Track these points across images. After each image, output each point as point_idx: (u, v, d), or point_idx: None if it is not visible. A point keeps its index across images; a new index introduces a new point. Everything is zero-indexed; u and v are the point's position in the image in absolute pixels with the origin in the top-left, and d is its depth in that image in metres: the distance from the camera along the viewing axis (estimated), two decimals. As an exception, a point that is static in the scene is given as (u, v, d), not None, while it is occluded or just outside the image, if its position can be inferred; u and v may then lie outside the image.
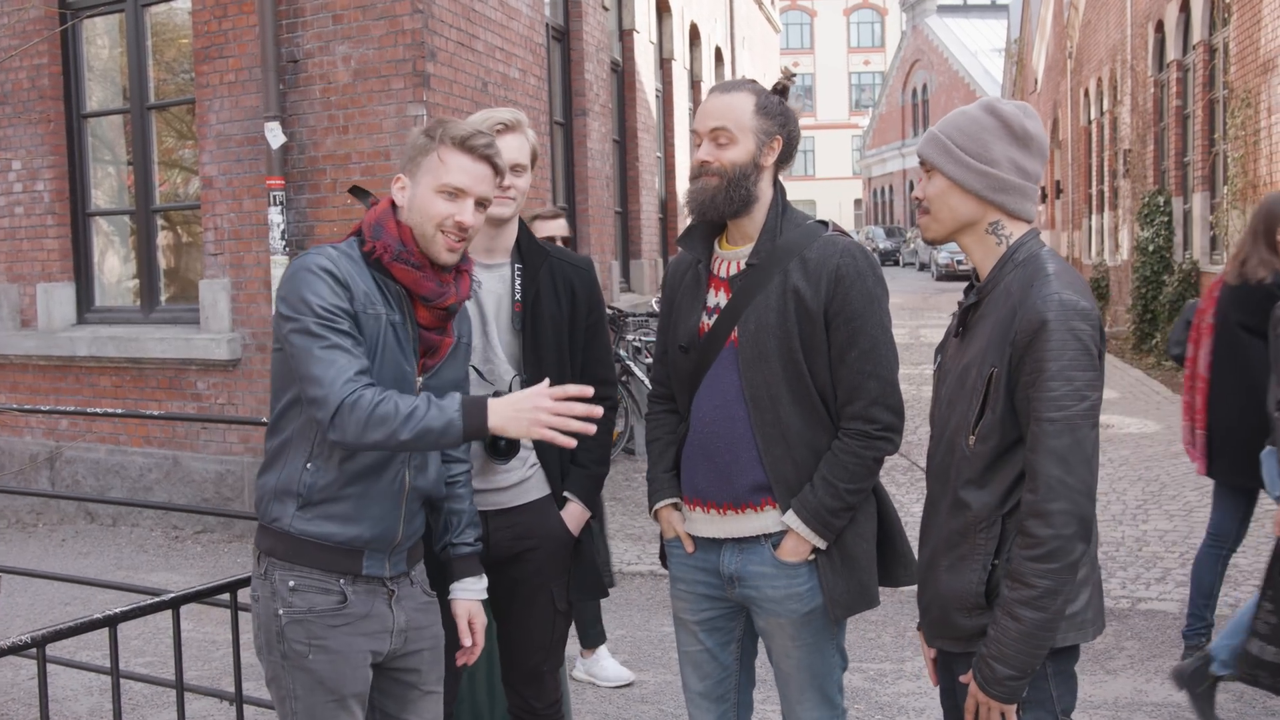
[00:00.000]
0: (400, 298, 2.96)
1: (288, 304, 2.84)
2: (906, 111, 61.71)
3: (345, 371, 2.76)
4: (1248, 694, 5.31)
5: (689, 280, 3.38)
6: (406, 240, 2.95)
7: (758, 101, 3.22)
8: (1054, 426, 2.62)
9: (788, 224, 3.26)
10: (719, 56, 21.57)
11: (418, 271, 2.95)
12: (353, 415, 2.72)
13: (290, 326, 2.82)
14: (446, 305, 3.00)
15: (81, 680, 5.88)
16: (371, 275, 2.93)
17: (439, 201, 2.95)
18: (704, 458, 3.27)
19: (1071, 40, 28.31)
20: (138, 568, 8.36)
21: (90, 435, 9.92)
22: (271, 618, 2.94)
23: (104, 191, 10.45)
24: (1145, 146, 19.58)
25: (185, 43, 9.84)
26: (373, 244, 2.95)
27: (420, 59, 8.43)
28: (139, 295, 10.08)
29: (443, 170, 2.95)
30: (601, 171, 12.98)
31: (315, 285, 2.82)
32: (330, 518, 2.91)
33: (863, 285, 3.17)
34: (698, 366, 3.29)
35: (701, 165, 3.22)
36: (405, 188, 3.00)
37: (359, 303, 2.86)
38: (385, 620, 3.02)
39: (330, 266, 2.85)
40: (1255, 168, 13.01)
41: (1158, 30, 18.50)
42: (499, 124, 3.48)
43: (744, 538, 3.26)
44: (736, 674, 3.46)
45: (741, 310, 3.21)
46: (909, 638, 6.24)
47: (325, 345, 2.78)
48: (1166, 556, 7.44)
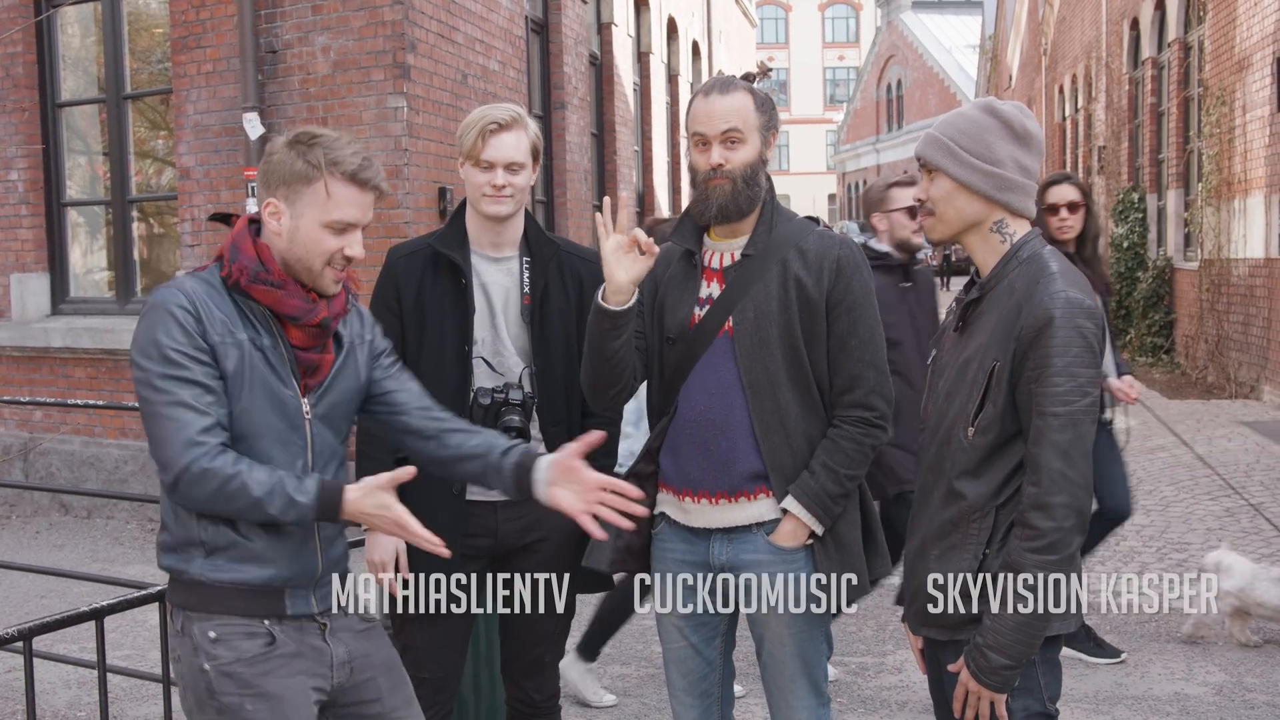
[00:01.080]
0: (266, 319, 2.78)
1: (138, 348, 2.68)
2: (881, 107, 61.77)
3: (187, 431, 2.61)
4: (1226, 687, 5.35)
5: (676, 272, 3.37)
6: (265, 259, 2.77)
7: (755, 100, 3.26)
8: (1058, 421, 2.66)
9: (780, 216, 3.30)
10: (696, 51, 21.56)
11: (279, 290, 2.76)
12: (197, 489, 2.61)
13: (136, 376, 2.68)
14: (316, 322, 2.81)
15: (59, 673, 5.83)
16: (234, 300, 2.76)
17: (328, 237, 2.76)
18: (697, 446, 3.25)
19: (1046, 37, 28.43)
20: (114, 560, 8.31)
21: (65, 427, 9.85)
22: (197, 674, 2.73)
23: (79, 182, 10.37)
24: (1120, 143, 19.68)
25: (161, 32, 9.79)
26: (229, 267, 2.77)
27: (400, 50, 8.40)
28: (114, 286, 10.01)
29: (331, 206, 2.75)
30: (580, 165, 12.95)
31: (167, 327, 2.66)
32: (243, 560, 2.72)
33: (861, 277, 3.23)
34: (685, 358, 3.27)
35: (716, 169, 3.22)
36: (280, 215, 2.78)
37: (217, 334, 2.69)
38: (323, 655, 2.84)
39: (184, 303, 2.68)
40: (1230, 165, 13.09)
41: (1133, 28, 18.59)
42: (493, 123, 3.45)
43: (735, 527, 3.25)
44: (720, 668, 3.45)
45: (737, 300, 3.22)
46: (889, 631, 6.25)
47: (169, 402, 2.62)
48: (1144, 550, 7.47)
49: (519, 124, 3.49)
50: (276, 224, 2.77)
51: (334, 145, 2.78)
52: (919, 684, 5.53)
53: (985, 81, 42.24)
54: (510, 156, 3.45)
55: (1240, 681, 5.41)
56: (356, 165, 2.77)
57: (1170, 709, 5.16)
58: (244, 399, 2.70)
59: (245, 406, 2.71)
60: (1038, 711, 2.83)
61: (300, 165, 2.75)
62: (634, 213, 16.09)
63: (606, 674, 5.76)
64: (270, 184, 2.78)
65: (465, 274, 3.48)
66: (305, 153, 2.75)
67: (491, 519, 3.52)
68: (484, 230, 3.55)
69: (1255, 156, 12.25)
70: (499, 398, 3.45)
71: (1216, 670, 5.52)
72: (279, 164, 2.77)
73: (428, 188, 8.73)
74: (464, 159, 3.49)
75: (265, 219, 2.79)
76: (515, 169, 3.47)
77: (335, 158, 2.75)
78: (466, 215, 3.59)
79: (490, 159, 3.44)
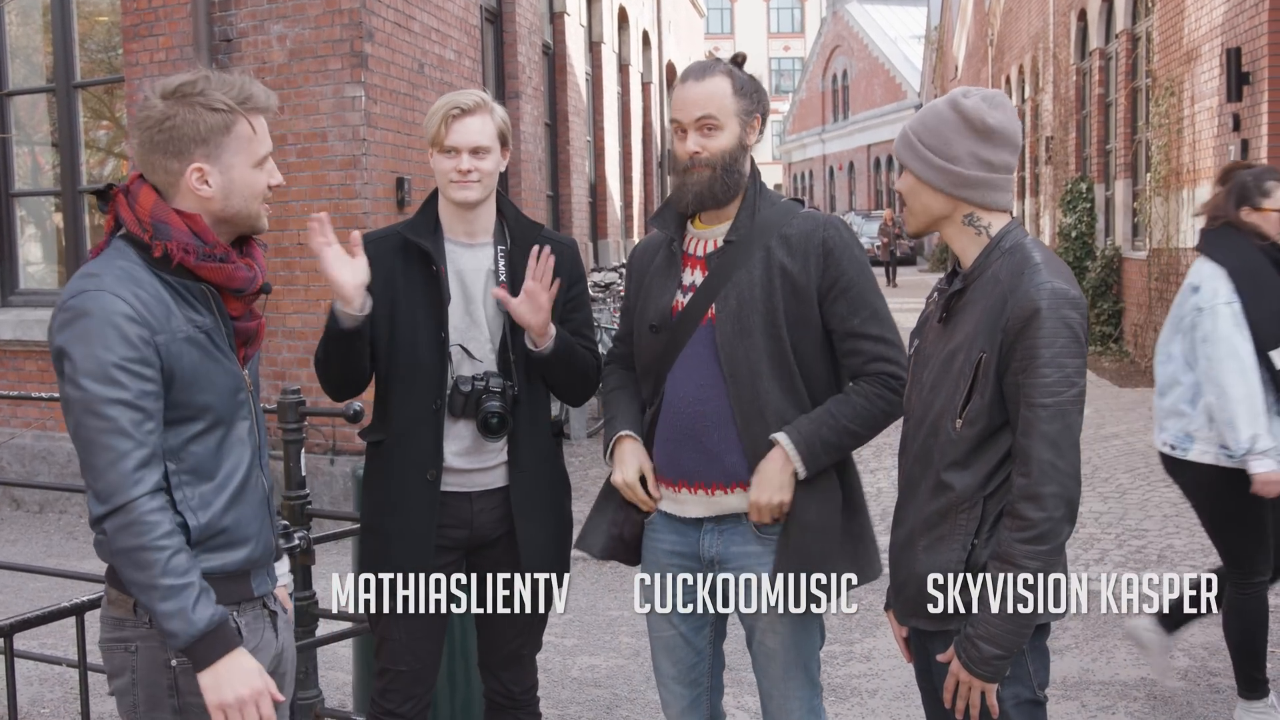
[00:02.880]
0: (206, 296, 2.62)
1: (74, 364, 2.46)
2: (826, 97, 61.98)
3: (131, 461, 2.45)
4: (1192, 672, 5.41)
5: (660, 260, 3.36)
6: (200, 231, 2.59)
7: (734, 83, 3.23)
8: (1046, 412, 2.68)
9: (764, 201, 3.27)
10: (646, 40, 21.57)
11: (227, 265, 2.61)
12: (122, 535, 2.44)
13: (72, 395, 2.47)
14: (257, 290, 2.71)
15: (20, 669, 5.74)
16: (165, 281, 2.57)
17: (259, 175, 2.65)
18: (689, 438, 3.23)
19: (993, 28, 28.65)
20: (68, 555, 8.19)
21: (16, 421, 9.70)
22: (160, 669, 2.59)
23: (28, 172, 10.20)
24: (1067, 134, 19.86)
25: (106, 20, 9.65)
26: (164, 246, 2.55)
27: (358, 39, 8.32)
28: (64, 278, 9.86)
29: (257, 143, 2.63)
30: (534, 155, 12.91)
31: (108, 340, 2.45)
32: (220, 549, 2.62)
33: (851, 254, 3.20)
34: (669, 346, 3.26)
35: (692, 157, 3.20)
36: (208, 175, 2.59)
37: (164, 334, 2.52)
38: (271, 647, 2.77)
39: (127, 310, 2.47)
40: (1179, 155, 13.23)
41: (1080, 19, 18.75)
42: (456, 108, 3.40)
43: (725, 515, 3.24)
44: (709, 657, 3.44)
45: (720, 287, 3.20)
46: (856, 619, 6.28)
47: (111, 430, 2.44)
48: (1103, 538, 7.55)
49: (484, 108, 3.44)
50: (206, 187, 2.59)
51: (228, 84, 2.60)
52: (888, 671, 5.56)
53: (930, 72, 42.52)
54: (474, 141, 3.40)
55: (1205, 666, 5.48)
56: (264, 96, 2.65)
57: (1137, 693, 5.21)
58: (203, 391, 2.59)
59: (206, 401, 2.59)
60: (1028, 699, 2.85)
61: (211, 117, 2.56)
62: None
63: (575, 665, 5.76)
64: (181, 149, 2.56)
65: (437, 261, 3.44)
66: (205, 102, 2.56)
67: (467, 510, 3.49)
68: (456, 217, 3.51)
69: (1204, 147, 12.38)
70: (479, 385, 3.41)
71: (1181, 655, 5.58)
72: (184, 123, 2.55)
73: (385, 178, 8.66)
74: (430, 145, 3.46)
75: (190, 185, 2.58)
76: (480, 154, 3.42)
77: (242, 95, 2.60)
78: (439, 203, 3.55)
79: (454, 144, 3.40)
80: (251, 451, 2.71)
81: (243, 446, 2.68)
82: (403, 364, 3.47)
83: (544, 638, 3.75)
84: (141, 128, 2.59)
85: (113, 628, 2.63)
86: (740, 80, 3.24)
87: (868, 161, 54.25)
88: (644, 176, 21.39)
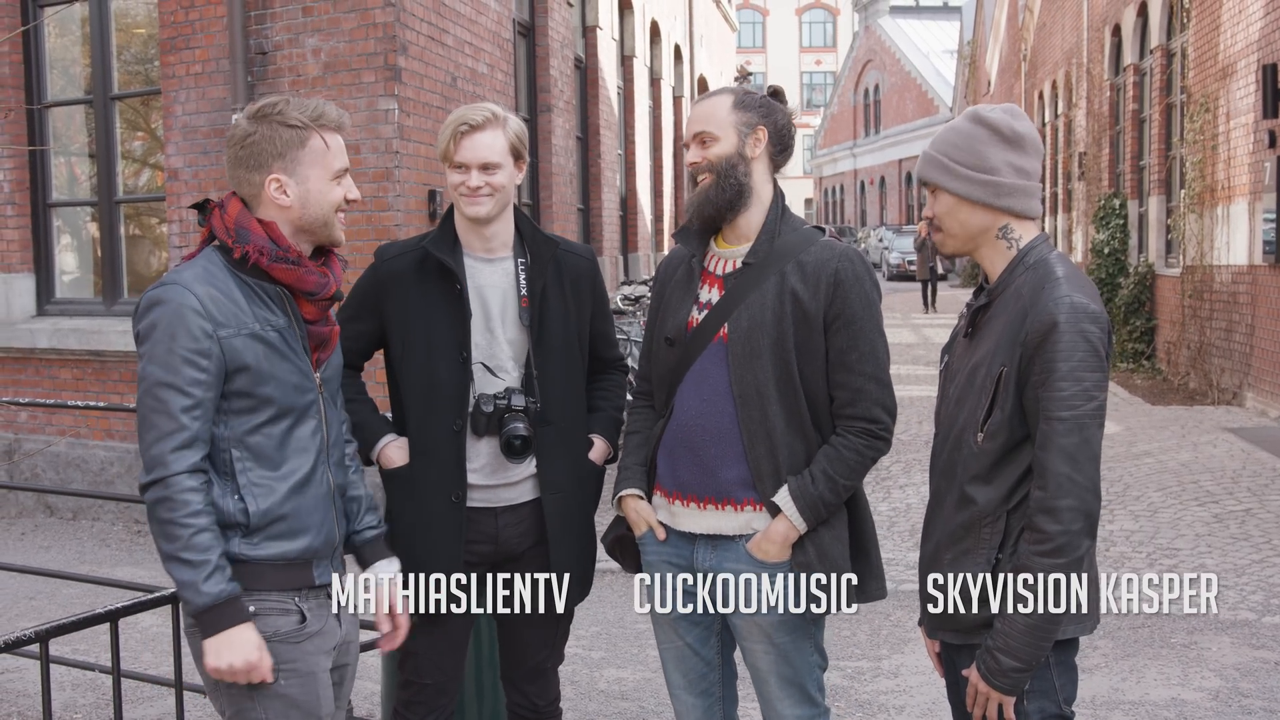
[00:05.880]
0: (282, 299, 2.86)
1: (145, 347, 2.75)
2: (858, 112, 61.95)
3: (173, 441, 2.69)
4: (1224, 693, 5.38)
5: (681, 275, 3.42)
6: (276, 237, 2.84)
7: (734, 99, 3.33)
8: (1063, 425, 2.69)
9: (786, 226, 3.32)
10: (678, 54, 21.61)
11: (299, 268, 2.85)
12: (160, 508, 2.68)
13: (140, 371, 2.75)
14: (329, 295, 2.93)
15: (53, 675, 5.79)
16: (246, 283, 2.83)
17: (335, 188, 2.90)
18: (687, 451, 3.29)
19: (1026, 43, 28.56)
20: (101, 562, 8.26)
21: (50, 428, 9.79)
22: None
23: (66, 182, 10.31)
24: (1101, 149, 19.78)
25: (144, 32, 9.74)
26: (243, 249, 2.81)
27: (392, 53, 8.38)
28: (101, 287, 9.95)
29: (330, 156, 2.89)
30: (565, 168, 12.95)
31: (173, 330, 2.72)
32: (279, 537, 2.82)
33: (860, 289, 3.22)
34: (681, 361, 3.32)
35: (693, 167, 3.32)
36: (286, 186, 2.86)
37: (229, 330, 2.76)
38: (334, 635, 2.96)
39: (196, 305, 2.73)
40: (1214, 172, 13.17)
41: (1114, 34, 18.69)
42: (464, 124, 3.41)
43: (720, 535, 3.28)
44: (719, 667, 3.49)
45: (733, 307, 3.25)
46: (884, 635, 6.27)
47: (158, 409, 2.70)
48: (1134, 556, 7.51)
49: (494, 123, 3.44)
50: (285, 196, 2.85)
51: (304, 105, 2.88)
52: (915, 688, 5.55)
53: (963, 87, 42.39)
54: (484, 157, 3.41)
55: (1236, 687, 5.44)
56: (336, 114, 2.90)
57: (1167, 714, 5.18)
58: (267, 384, 2.80)
59: (269, 393, 2.80)
60: (1053, 714, 2.86)
61: (288, 132, 2.84)
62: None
63: (602, 677, 5.77)
64: (261, 162, 2.84)
65: (460, 279, 3.44)
66: (283, 120, 2.84)
67: (492, 525, 3.51)
68: (472, 232, 3.51)
69: (1239, 163, 12.32)
70: (501, 404, 3.42)
71: (1213, 676, 5.55)
72: (263, 139, 2.83)
73: (418, 190, 8.71)
74: (442, 160, 3.48)
75: (269, 196, 2.84)
76: (491, 169, 3.42)
77: (315, 114, 2.86)
78: (455, 218, 3.56)
79: (463, 160, 3.41)
80: (318, 449, 2.91)
81: (309, 442, 2.88)
82: (423, 384, 3.47)
83: (572, 650, 3.77)
84: (229, 146, 2.88)
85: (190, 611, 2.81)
86: (742, 96, 3.33)
87: (899, 176, 54.16)
88: (675, 190, 21.42)
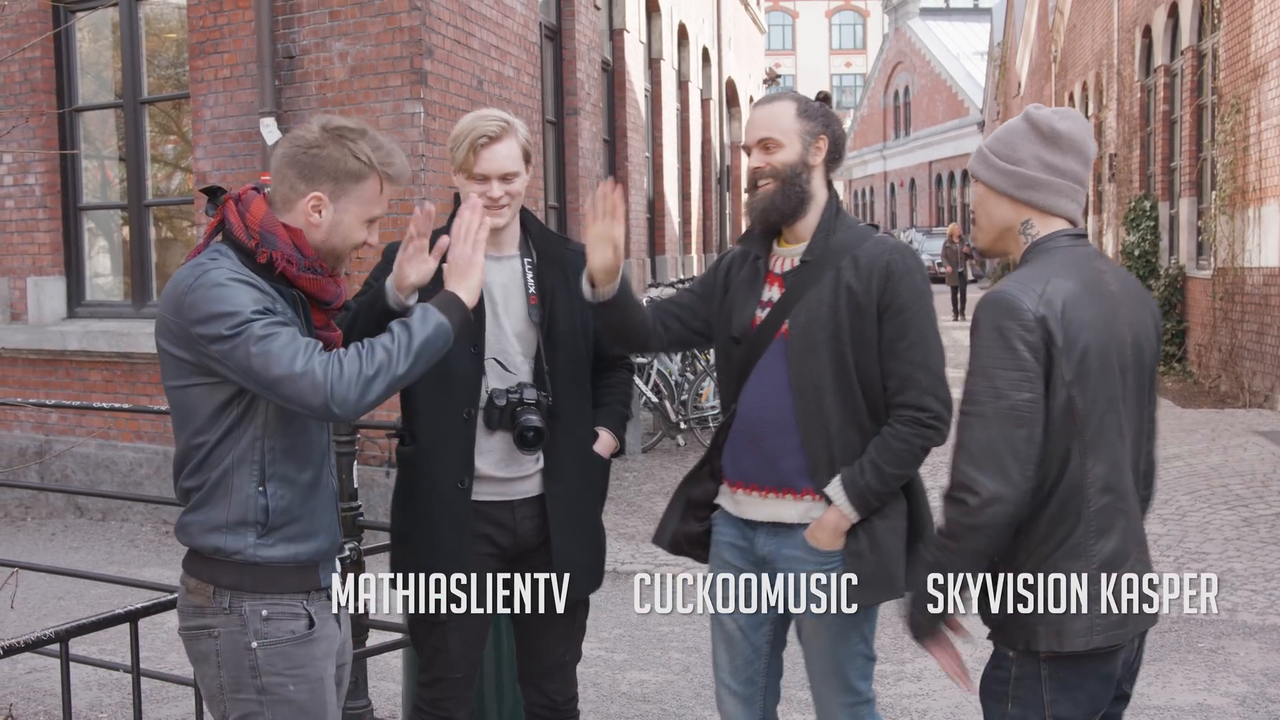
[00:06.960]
0: (296, 305, 2.83)
1: (210, 322, 2.63)
2: (888, 113, 61.77)
3: (309, 350, 2.63)
4: (1250, 698, 5.34)
5: (746, 275, 3.52)
6: (302, 246, 2.80)
7: (798, 107, 3.39)
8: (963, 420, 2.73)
9: (841, 225, 3.40)
10: (706, 57, 21.59)
11: (322, 278, 2.84)
12: (344, 382, 2.62)
13: (228, 345, 2.62)
14: (341, 305, 2.96)
15: (78, 675, 5.83)
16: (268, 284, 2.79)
17: (363, 231, 2.88)
18: (749, 442, 3.41)
19: (1056, 44, 28.44)
20: (129, 563, 8.32)
21: (80, 430, 9.86)
22: (242, 652, 2.76)
23: (96, 186, 10.39)
24: (1131, 151, 19.67)
25: (173, 37, 9.80)
26: (269, 254, 2.76)
27: (418, 56, 8.41)
28: (130, 290, 10.02)
29: (376, 203, 2.87)
30: (592, 171, 12.96)
31: (234, 294, 2.65)
32: (293, 539, 2.80)
33: (911, 281, 3.30)
34: (747, 357, 3.42)
35: (755, 171, 3.39)
36: (323, 207, 2.82)
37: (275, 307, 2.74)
38: (335, 638, 2.96)
39: (236, 276, 2.69)
40: (1245, 173, 13.07)
41: (1145, 35, 18.58)
42: (483, 137, 3.41)
43: (780, 522, 3.38)
44: (766, 655, 3.55)
45: (793, 304, 3.35)
46: (907, 639, 6.20)
47: (279, 341, 2.62)
48: (1162, 560, 7.46)
49: (508, 132, 3.45)
50: (317, 216, 2.80)
51: (379, 145, 2.85)
52: (938, 692, 5.53)
53: (993, 89, 42.25)
54: (503, 168, 3.43)
55: (1263, 692, 5.40)
56: (402, 167, 2.87)
57: (1193, 719, 5.15)
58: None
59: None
60: None
61: (353, 164, 2.79)
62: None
63: (625, 679, 5.77)
64: (315, 176, 2.79)
65: None
66: (354, 149, 2.80)
67: (509, 518, 3.54)
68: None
69: (1270, 164, 12.23)
70: (513, 398, 3.45)
71: (1239, 680, 5.51)
72: (328, 159, 2.79)
73: (444, 193, 8.73)
74: (457, 171, 3.48)
75: (304, 208, 2.80)
76: (510, 179, 3.46)
77: (384, 159, 2.83)
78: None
79: (484, 172, 3.42)
80: (323, 451, 2.92)
81: (319, 443, 2.90)
82: (434, 375, 3.46)
83: (594, 652, 3.78)
84: (292, 143, 2.83)
85: (193, 615, 2.80)
86: (805, 105, 3.39)
87: (929, 178, 53.97)
88: (703, 193, 21.41)
